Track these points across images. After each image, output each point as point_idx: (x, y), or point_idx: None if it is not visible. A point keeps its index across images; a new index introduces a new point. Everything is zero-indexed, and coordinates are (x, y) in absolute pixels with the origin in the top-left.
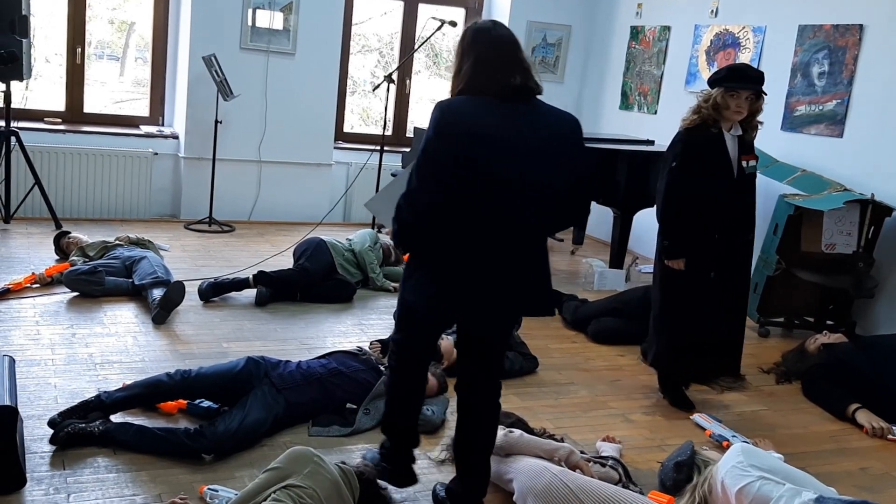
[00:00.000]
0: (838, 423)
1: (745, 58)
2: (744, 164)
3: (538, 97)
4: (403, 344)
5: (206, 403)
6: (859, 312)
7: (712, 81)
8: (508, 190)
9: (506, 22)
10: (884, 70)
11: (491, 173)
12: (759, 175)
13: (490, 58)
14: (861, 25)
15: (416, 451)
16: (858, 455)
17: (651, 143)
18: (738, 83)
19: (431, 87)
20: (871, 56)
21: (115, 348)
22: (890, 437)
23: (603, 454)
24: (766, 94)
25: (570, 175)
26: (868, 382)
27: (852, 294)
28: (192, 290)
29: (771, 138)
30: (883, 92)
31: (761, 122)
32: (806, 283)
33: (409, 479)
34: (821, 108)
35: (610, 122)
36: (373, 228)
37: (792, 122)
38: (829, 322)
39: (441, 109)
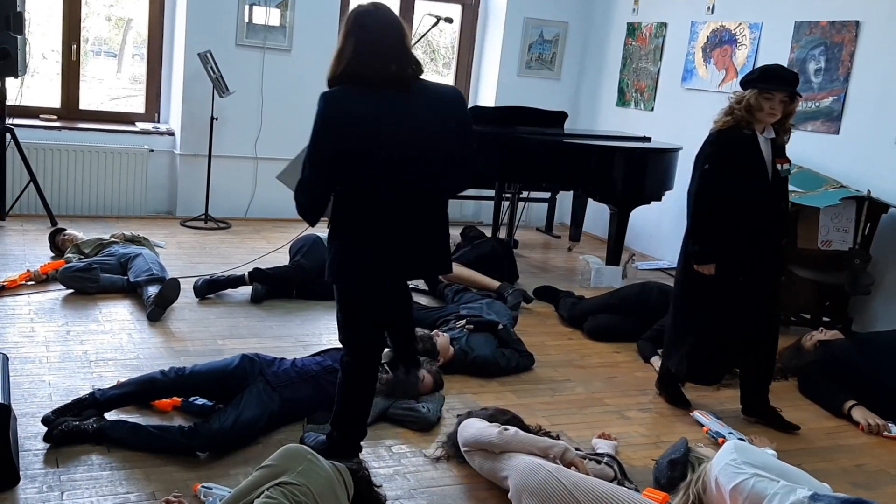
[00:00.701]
0: (834, 420)
1: (741, 54)
2: (778, 167)
3: (420, 77)
4: (355, 342)
5: (201, 401)
6: (856, 309)
7: (745, 82)
8: (399, 170)
9: (502, 18)
10: (880, 66)
11: (379, 159)
12: None
13: (370, 40)
14: (857, 22)
15: (412, 449)
16: (854, 452)
17: (648, 139)
18: (773, 84)
19: None
20: (867, 52)
21: (109, 345)
22: (886, 434)
23: (598, 451)
24: (800, 96)
25: (454, 143)
26: (864, 379)
27: (848, 291)
28: (187, 287)
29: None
30: (879, 88)
31: (793, 125)
32: (802, 280)
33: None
34: (817, 104)
35: (607, 119)
36: None
37: None
38: (825, 319)
39: (325, 102)
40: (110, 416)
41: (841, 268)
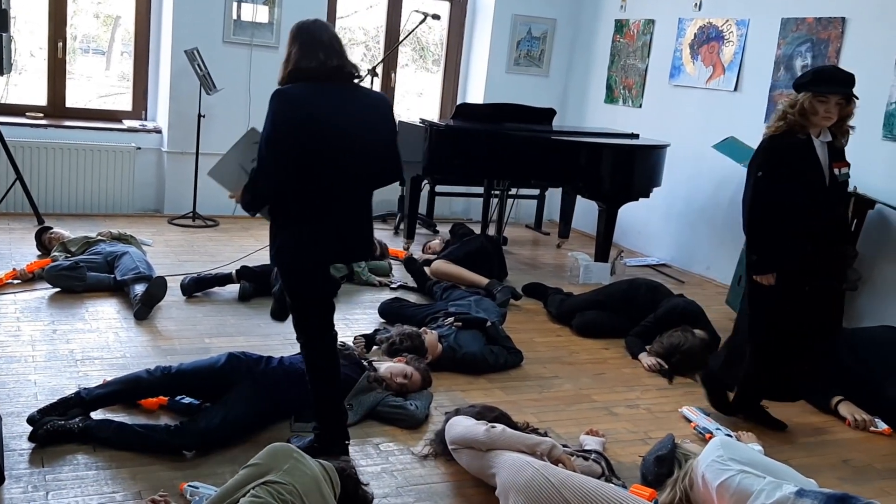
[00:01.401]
0: (821, 416)
1: (728, 51)
2: (835, 171)
3: (356, 81)
4: (307, 324)
5: (188, 400)
6: (844, 305)
7: (798, 85)
8: (342, 158)
9: (490, 15)
10: (866, 63)
11: (327, 147)
12: (741, 168)
13: (312, 41)
14: (843, 18)
15: (400, 446)
16: (841, 447)
17: (636, 136)
18: (827, 87)
19: (418, 81)
20: (853, 49)
21: (96, 344)
22: (872, 429)
23: (586, 448)
24: (857, 98)
25: (384, 139)
26: (851, 374)
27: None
28: (174, 286)
29: (754, 131)
30: (865, 85)
31: (852, 127)
32: None
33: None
34: None
35: (595, 115)
36: None
37: None
38: None
39: (278, 99)
40: (96, 415)
41: None
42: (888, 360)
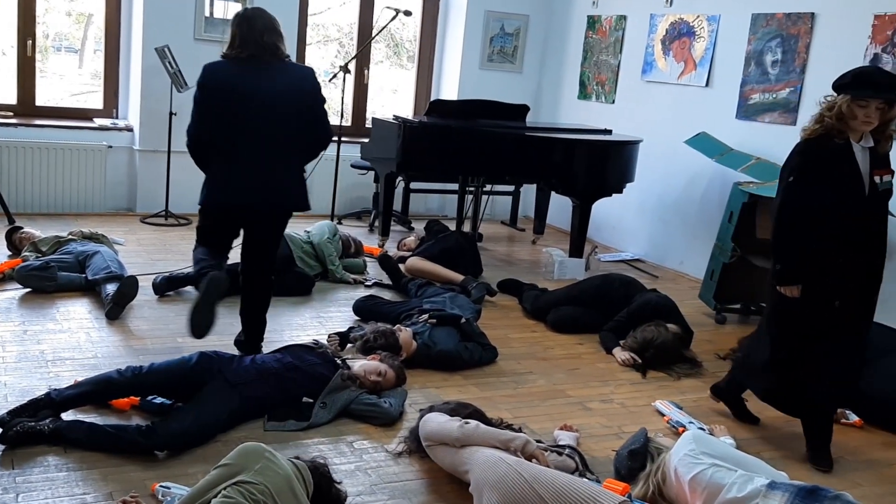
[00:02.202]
0: None
1: (699, 47)
2: (876, 179)
3: (285, 60)
4: (205, 241)
5: (159, 400)
6: None
7: (837, 87)
8: (257, 120)
9: (463, 11)
10: (835, 58)
11: (243, 110)
12: (713, 163)
13: (242, 32)
14: (812, 14)
15: (374, 444)
16: None
17: (609, 132)
18: (867, 91)
19: (392, 77)
20: (822, 44)
21: (67, 345)
22: (843, 420)
23: (560, 443)
24: None
25: (307, 107)
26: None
27: None
28: (146, 285)
29: (725, 126)
30: (833, 79)
31: None
32: (761, 270)
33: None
34: (774, 96)
35: (568, 111)
36: (332, 220)
37: (746, 111)
38: None
39: (204, 69)
40: (67, 416)
41: None
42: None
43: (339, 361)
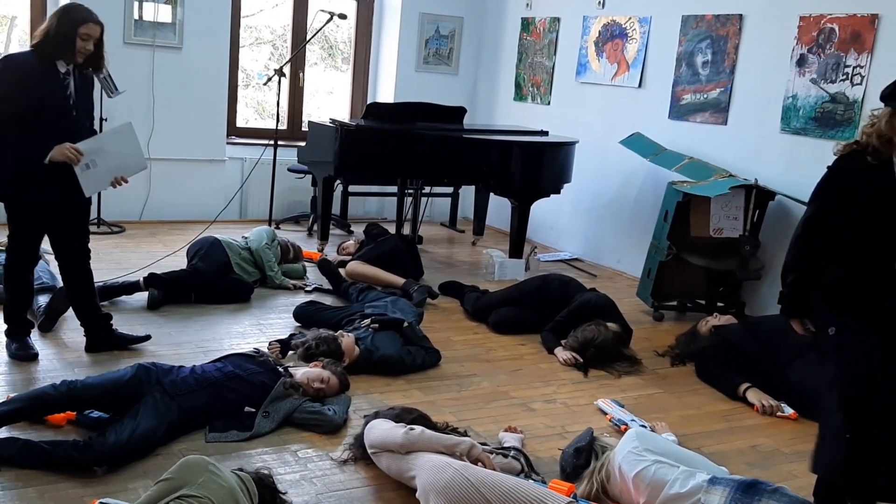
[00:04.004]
0: (730, 403)
1: (632, 48)
2: None
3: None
4: (16, 234)
5: (97, 414)
6: (748, 294)
7: (882, 97)
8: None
9: (398, 14)
10: (762, 58)
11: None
12: (647, 163)
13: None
14: (741, 15)
15: (319, 452)
16: (749, 433)
17: (545, 133)
18: None
19: (327, 79)
20: (751, 45)
21: None
22: (779, 414)
23: (505, 445)
24: None
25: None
26: (757, 362)
27: (739, 276)
28: None
29: (658, 127)
30: (762, 80)
31: None
32: (696, 268)
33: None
34: (705, 96)
35: (505, 113)
36: (270, 225)
37: (678, 111)
38: (719, 304)
39: (3, 61)
40: (0, 433)
41: (732, 254)
42: (790, 347)
43: (280, 369)
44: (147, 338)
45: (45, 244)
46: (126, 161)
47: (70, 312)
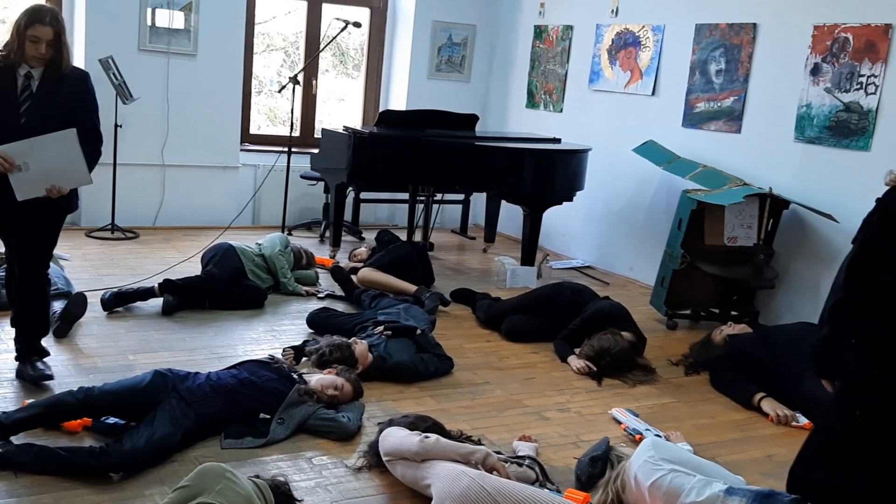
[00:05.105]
0: (744, 412)
1: (645, 56)
2: None
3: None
4: None
5: (112, 420)
6: (762, 303)
7: None
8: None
9: (411, 21)
10: (776, 67)
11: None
12: (660, 171)
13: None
14: (755, 24)
15: (333, 460)
16: (764, 443)
17: (558, 141)
18: None
19: (339, 87)
20: (764, 54)
21: (14, 365)
22: (794, 424)
23: (520, 454)
24: None
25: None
26: (771, 371)
27: (753, 285)
28: (94, 301)
29: (672, 135)
30: (776, 88)
31: None
32: (710, 276)
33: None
34: (719, 104)
35: (517, 120)
36: (283, 232)
37: (692, 119)
38: (733, 313)
39: None
40: (17, 439)
41: (745, 263)
42: (805, 356)
43: (295, 376)
44: (50, 377)
45: (58, 249)
46: (65, 170)
47: (86, 318)
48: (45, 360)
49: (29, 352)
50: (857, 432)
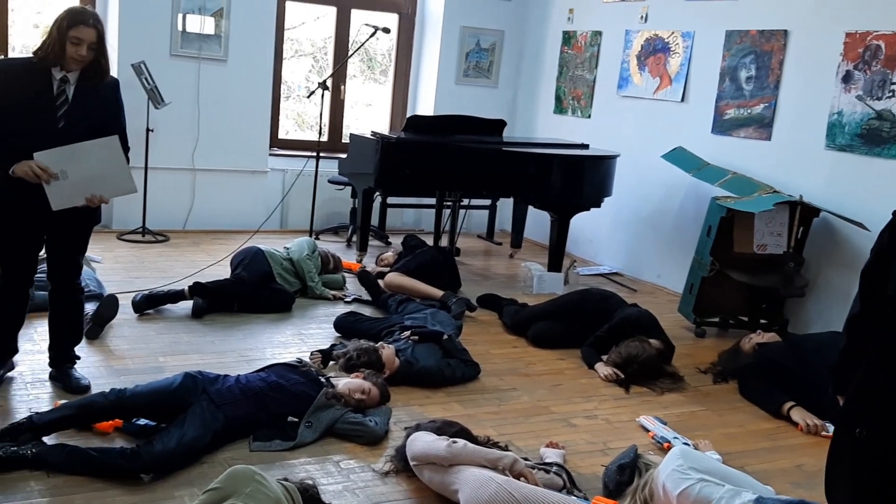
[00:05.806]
0: (774, 422)
1: (674, 62)
2: None
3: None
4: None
5: (143, 421)
6: (791, 311)
7: None
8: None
9: (439, 27)
10: (807, 74)
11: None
12: (688, 178)
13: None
14: (785, 31)
15: (361, 464)
16: (793, 452)
17: (586, 146)
18: None
19: (367, 92)
20: (795, 61)
21: (47, 366)
22: (824, 433)
23: (547, 460)
24: None
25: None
26: (801, 380)
27: (783, 293)
28: (125, 303)
29: (701, 141)
30: (807, 95)
31: None
32: (739, 284)
33: None
34: (749, 111)
35: (545, 126)
36: (310, 236)
37: (722, 126)
38: (762, 321)
39: None
40: (49, 440)
41: (775, 271)
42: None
43: (322, 380)
44: (87, 388)
45: (90, 251)
46: (107, 178)
47: (117, 320)
48: (76, 366)
49: (62, 359)
50: (858, 450)
